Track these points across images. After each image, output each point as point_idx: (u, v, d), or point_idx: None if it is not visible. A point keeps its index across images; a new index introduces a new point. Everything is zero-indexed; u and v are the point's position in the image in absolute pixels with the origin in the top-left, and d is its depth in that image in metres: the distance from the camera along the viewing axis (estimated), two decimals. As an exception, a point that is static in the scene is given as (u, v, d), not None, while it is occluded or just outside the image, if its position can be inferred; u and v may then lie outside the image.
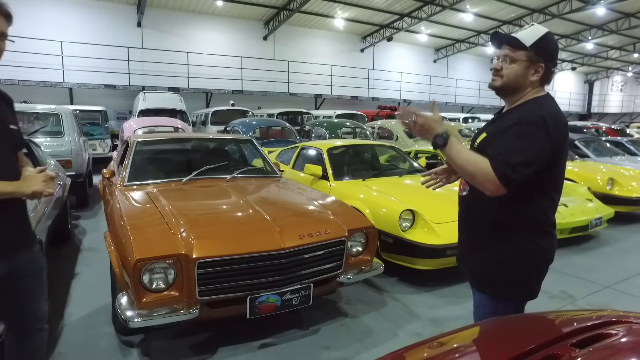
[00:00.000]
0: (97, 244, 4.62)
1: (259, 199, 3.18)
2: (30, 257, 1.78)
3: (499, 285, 1.65)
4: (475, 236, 1.72)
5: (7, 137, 1.64)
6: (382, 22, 18.70)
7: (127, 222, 2.58)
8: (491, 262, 1.66)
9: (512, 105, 1.65)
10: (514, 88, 1.61)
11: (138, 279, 2.24)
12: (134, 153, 3.74)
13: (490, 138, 1.60)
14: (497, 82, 1.63)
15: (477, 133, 1.75)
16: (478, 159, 1.49)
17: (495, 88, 1.65)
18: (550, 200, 1.62)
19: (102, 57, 13.71)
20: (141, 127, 7.43)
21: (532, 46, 1.54)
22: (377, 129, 10.32)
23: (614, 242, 5.34)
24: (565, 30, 20.24)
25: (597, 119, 27.47)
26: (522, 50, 1.56)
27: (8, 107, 1.72)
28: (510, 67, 1.59)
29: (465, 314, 3.27)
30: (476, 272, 1.74)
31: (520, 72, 1.58)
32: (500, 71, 1.61)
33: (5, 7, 1.55)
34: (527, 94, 1.61)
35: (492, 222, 1.62)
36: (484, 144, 1.61)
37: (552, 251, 1.68)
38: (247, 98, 16.52)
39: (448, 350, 1.22)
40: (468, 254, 1.77)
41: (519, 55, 1.57)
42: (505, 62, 1.60)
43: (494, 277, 1.66)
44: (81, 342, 2.80)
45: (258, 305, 2.48)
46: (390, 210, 3.81)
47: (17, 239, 1.72)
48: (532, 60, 1.56)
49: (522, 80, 1.59)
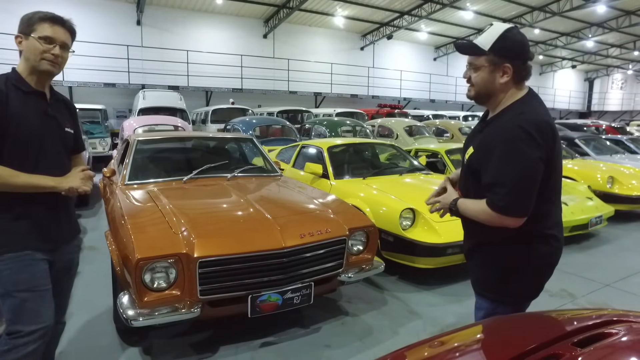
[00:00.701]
0: (97, 242, 4.62)
1: (260, 198, 3.19)
2: (68, 251, 1.97)
3: (497, 289, 1.66)
4: (474, 241, 1.72)
5: (61, 138, 1.85)
6: (382, 20, 18.67)
7: (128, 221, 2.58)
8: (489, 267, 1.67)
9: (495, 111, 1.63)
10: (487, 94, 1.60)
11: (139, 278, 2.24)
12: (134, 152, 3.74)
13: (478, 156, 1.59)
14: (471, 92, 1.63)
15: (466, 144, 1.74)
16: (481, 208, 1.54)
17: (471, 97, 1.65)
18: (550, 204, 1.60)
19: (101, 55, 13.65)
20: (141, 125, 7.43)
21: (490, 49, 1.52)
22: (377, 127, 10.31)
23: (614, 240, 5.34)
24: (565, 28, 20.22)
25: (597, 117, 27.45)
26: (482, 56, 1.54)
27: (69, 111, 1.96)
28: (476, 75, 1.58)
29: (466, 313, 3.28)
30: (475, 276, 1.76)
31: (486, 77, 1.56)
32: (470, 80, 1.61)
33: (70, 23, 1.79)
34: (505, 97, 1.58)
35: (490, 228, 1.58)
36: (473, 162, 1.61)
37: (555, 255, 1.66)
38: (247, 96, 16.51)
39: (449, 349, 1.22)
40: (468, 258, 1.79)
41: (480, 62, 1.55)
42: (471, 70, 1.59)
43: (491, 281, 1.67)
44: (83, 340, 2.81)
45: (259, 304, 2.48)
46: (390, 209, 3.81)
47: (61, 233, 1.89)
48: (494, 63, 1.53)
49: (491, 85, 1.56)
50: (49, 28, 1.70)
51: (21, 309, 1.72)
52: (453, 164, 5.69)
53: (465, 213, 1.63)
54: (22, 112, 1.70)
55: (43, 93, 1.80)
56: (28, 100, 1.74)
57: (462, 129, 11.08)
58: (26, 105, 1.72)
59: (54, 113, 1.82)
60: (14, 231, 1.73)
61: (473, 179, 1.61)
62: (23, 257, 1.73)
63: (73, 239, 2.02)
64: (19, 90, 1.72)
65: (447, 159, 5.77)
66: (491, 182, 1.50)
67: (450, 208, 1.69)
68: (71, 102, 2.04)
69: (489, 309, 1.68)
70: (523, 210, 1.48)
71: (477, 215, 1.57)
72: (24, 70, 1.75)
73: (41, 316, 1.75)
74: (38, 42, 1.69)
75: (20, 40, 1.73)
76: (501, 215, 1.48)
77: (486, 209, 1.51)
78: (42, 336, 1.76)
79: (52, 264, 1.87)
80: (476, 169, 1.58)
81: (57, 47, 1.72)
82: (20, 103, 1.70)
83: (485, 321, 1.56)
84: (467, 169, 1.66)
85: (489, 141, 1.54)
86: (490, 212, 1.50)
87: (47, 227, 1.80)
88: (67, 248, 1.97)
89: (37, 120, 1.73)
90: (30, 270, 1.74)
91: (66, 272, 2.00)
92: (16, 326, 1.72)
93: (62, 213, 1.89)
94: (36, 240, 1.77)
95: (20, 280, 1.72)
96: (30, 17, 1.72)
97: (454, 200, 1.67)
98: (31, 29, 1.70)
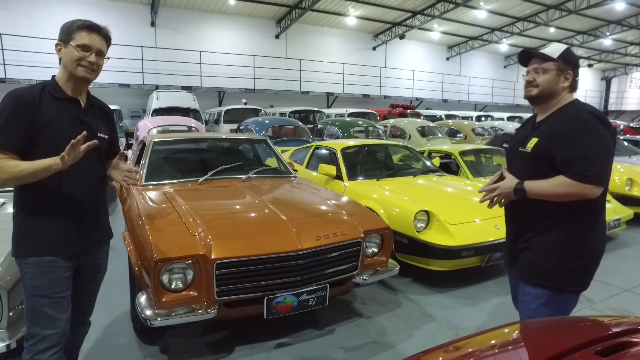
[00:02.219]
0: (114, 242, 4.64)
1: (275, 200, 3.21)
2: (96, 256, 2.01)
3: (558, 277, 1.77)
4: (531, 230, 1.83)
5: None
6: (394, 20, 18.59)
7: (145, 222, 2.62)
8: (548, 254, 1.78)
9: (547, 112, 1.84)
10: (549, 94, 1.82)
11: (157, 279, 2.28)
12: (150, 153, 3.79)
13: (546, 142, 1.76)
14: (533, 91, 1.83)
15: (517, 142, 1.91)
16: (557, 182, 1.69)
17: (531, 97, 1.85)
18: (606, 193, 1.76)
19: (116, 56, 13.72)
20: (156, 126, 7.52)
21: (559, 57, 1.79)
22: (389, 127, 10.28)
23: (633, 244, 5.24)
24: (582, 26, 19.87)
25: (615, 116, 26.90)
26: (551, 62, 1.79)
27: (105, 117, 2.01)
28: (542, 77, 1.81)
29: (480, 316, 3.26)
30: (530, 267, 1.84)
31: (552, 80, 1.80)
32: (533, 82, 1.83)
33: (106, 30, 1.85)
34: (561, 99, 1.82)
35: (546, 215, 1.77)
36: (542, 148, 1.77)
37: (604, 241, 1.87)
38: (259, 96, 16.59)
39: (464, 354, 1.21)
40: (522, 250, 1.87)
41: (548, 66, 1.80)
42: (537, 73, 1.82)
43: (552, 268, 1.77)
44: (102, 339, 2.86)
45: (275, 305, 2.50)
46: (404, 211, 3.80)
47: (89, 239, 1.92)
48: (561, 69, 1.79)
49: (556, 86, 1.80)
50: (86, 36, 1.77)
51: (38, 313, 1.78)
52: (467, 165, 5.64)
53: (537, 191, 1.74)
54: (54, 118, 1.75)
55: (77, 99, 1.85)
56: (61, 106, 1.79)
57: (475, 130, 10.98)
58: (59, 111, 1.78)
59: (87, 119, 1.87)
60: (42, 235, 1.77)
61: (540, 163, 1.77)
62: (45, 263, 1.77)
63: (103, 245, 2.06)
64: (52, 97, 1.77)
65: (460, 160, 5.73)
66: (572, 157, 1.66)
67: (515, 189, 1.78)
68: (108, 107, 2.08)
69: (546, 298, 1.78)
70: (603, 179, 1.67)
71: (553, 190, 1.70)
72: (62, 77, 1.82)
73: (56, 322, 1.80)
74: (76, 49, 1.75)
75: (60, 48, 1.79)
76: (584, 184, 1.63)
77: (566, 180, 1.66)
78: (59, 341, 1.81)
79: (79, 268, 1.91)
80: (545, 152, 1.75)
81: (93, 54, 1.78)
82: (54, 110, 1.76)
83: (504, 327, 1.55)
84: (534, 155, 1.79)
85: (559, 128, 1.74)
86: (571, 183, 1.65)
87: (76, 233, 1.84)
88: (96, 253, 2.01)
89: (68, 126, 1.78)
90: (49, 277, 1.78)
91: (93, 276, 2.04)
92: (35, 328, 1.78)
93: (92, 219, 1.92)
94: (63, 245, 1.81)
95: (39, 286, 1.77)
96: (70, 25, 1.78)
97: (519, 182, 1.79)
98: (70, 37, 1.76)
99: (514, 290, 2.06)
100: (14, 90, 1.73)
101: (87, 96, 1.92)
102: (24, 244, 1.78)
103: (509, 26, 19.54)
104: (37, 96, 1.73)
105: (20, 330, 2.13)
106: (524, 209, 1.84)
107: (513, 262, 1.94)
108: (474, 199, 4.30)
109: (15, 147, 1.67)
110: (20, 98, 1.70)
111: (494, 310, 3.37)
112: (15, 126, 1.67)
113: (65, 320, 1.83)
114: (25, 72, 12.18)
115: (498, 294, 3.65)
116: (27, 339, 1.80)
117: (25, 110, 1.69)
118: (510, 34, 20.18)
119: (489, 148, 6.72)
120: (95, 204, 1.94)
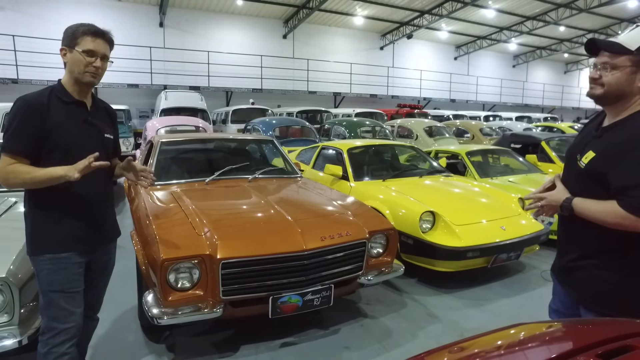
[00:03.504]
0: (122, 241, 4.69)
1: (281, 200, 3.23)
2: (106, 252, 2.09)
3: (610, 303, 1.53)
4: (585, 250, 1.59)
5: (101, 143, 1.96)
6: (402, 19, 18.54)
7: (153, 222, 2.66)
8: (604, 280, 1.54)
9: (618, 116, 1.53)
10: (618, 96, 1.49)
11: (164, 278, 2.31)
12: (158, 153, 3.83)
13: (604, 160, 1.49)
14: (597, 90, 1.51)
15: (577, 147, 1.64)
16: (609, 209, 1.44)
17: (595, 97, 1.53)
18: None
19: (125, 57, 13.95)
20: (164, 126, 7.59)
21: (638, 49, 1.42)
22: (396, 127, 10.26)
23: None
24: (593, 24, 19.66)
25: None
26: (625, 55, 1.44)
27: (109, 117, 2.08)
28: (611, 74, 1.46)
29: (485, 317, 3.25)
30: (583, 291, 1.62)
31: (624, 78, 1.45)
32: (599, 79, 1.50)
33: (110, 35, 1.88)
34: (635, 102, 1.48)
35: (616, 234, 1.47)
36: (596, 166, 1.50)
37: None
38: (267, 96, 16.65)
39: (468, 355, 1.22)
40: (574, 269, 1.64)
41: (621, 61, 1.45)
42: (604, 69, 1.48)
43: (605, 294, 1.55)
44: (110, 335, 2.91)
45: (280, 305, 2.52)
46: (410, 212, 3.80)
47: (100, 236, 2.00)
48: (638, 64, 1.44)
49: (628, 87, 1.46)
50: (92, 42, 1.80)
51: (55, 307, 1.83)
52: (474, 166, 5.62)
53: (585, 213, 1.50)
54: (63, 121, 1.81)
55: (83, 102, 1.90)
56: (69, 110, 1.85)
57: (483, 130, 10.92)
58: (67, 115, 1.83)
59: (94, 120, 1.94)
60: (56, 233, 1.83)
61: (593, 183, 1.52)
62: (60, 260, 1.83)
63: (111, 241, 2.13)
64: (60, 101, 1.82)
65: (467, 160, 5.71)
66: (629, 185, 1.40)
67: (562, 206, 1.56)
68: (112, 108, 2.14)
69: None
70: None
71: (603, 217, 1.46)
72: (67, 81, 1.86)
73: (72, 315, 1.86)
74: (81, 55, 1.78)
75: (65, 53, 1.82)
76: (633, 217, 1.38)
77: (618, 210, 1.41)
78: (75, 334, 1.87)
79: (89, 264, 1.98)
80: (600, 172, 1.49)
81: (98, 59, 1.82)
82: (62, 113, 1.81)
83: (506, 329, 1.55)
84: (587, 174, 1.54)
85: (621, 143, 1.45)
86: (624, 215, 1.40)
87: (87, 230, 1.91)
88: (105, 249, 2.08)
89: (77, 128, 1.85)
90: (65, 273, 1.84)
91: (102, 272, 2.11)
92: (52, 322, 1.84)
93: (102, 216, 2.00)
94: (75, 242, 1.87)
95: (54, 281, 1.83)
96: (75, 30, 1.81)
97: (568, 198, 1.55)
98: (75, 42, 1.79)
99: (561, 299, 1.78)
100: (24, 97, 1.78)
101: (92, 98, 1.97)
102: (38, 242, 1.83)
103: (518, 25, 19.38)
104: (45, 101, 1.78)
105: (31, 327, 2.17)
106: (586, 229, 1.54)
107: (567, 280, 1.69)
108: (480, 199, 4.29)
109: (26, 152, 1.74)
110: (31, 105, 1.75)
111: (499, 311, 3.36)
112: (27, 132, 1.73)
113: (80, 315, 1.89)
114: (37, 73, 12.38)
115: (504, 296, 3.64)
116: (43, 332, 1.85)
117: (36, 116, 1.74)
118: (519, 33, 20.02)
119: (496, 148, 6.68)
120: (104, 201, 2.00)
